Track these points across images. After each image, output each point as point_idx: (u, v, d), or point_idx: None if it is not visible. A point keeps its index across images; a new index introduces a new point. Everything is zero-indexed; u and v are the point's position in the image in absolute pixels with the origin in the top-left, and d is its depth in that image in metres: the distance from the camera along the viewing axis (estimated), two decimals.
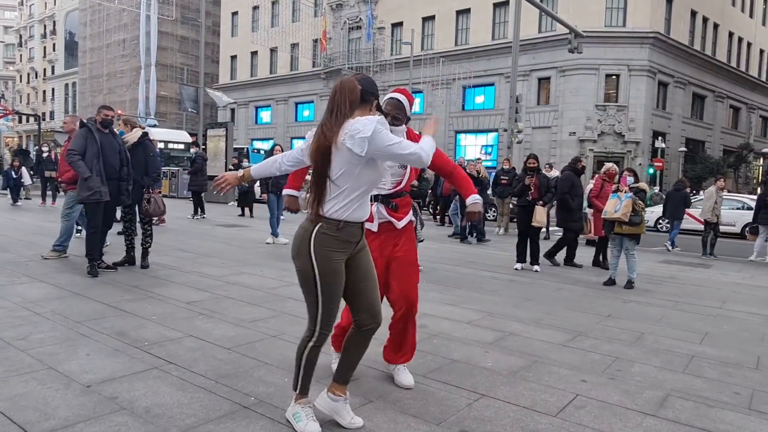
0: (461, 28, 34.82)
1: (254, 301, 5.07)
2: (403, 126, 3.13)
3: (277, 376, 3.24)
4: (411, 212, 3.28)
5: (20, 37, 67.27)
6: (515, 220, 13.98)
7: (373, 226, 3.12)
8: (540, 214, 7.86)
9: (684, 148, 32.20)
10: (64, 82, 61.25)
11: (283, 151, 9.00)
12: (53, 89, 63.72)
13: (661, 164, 28.94)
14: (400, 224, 3.18)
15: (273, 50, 41.72)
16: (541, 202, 7.95)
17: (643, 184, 7.56)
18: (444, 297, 5.71)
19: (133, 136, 6.25)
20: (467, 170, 11.42)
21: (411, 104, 3.14)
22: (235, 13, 45.39)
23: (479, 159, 12.03)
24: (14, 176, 13.34)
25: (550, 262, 8.54)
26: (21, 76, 68.63)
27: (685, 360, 4.02)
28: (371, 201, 3.15)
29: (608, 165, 8.82)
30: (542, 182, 8.10)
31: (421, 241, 7.33)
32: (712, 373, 3.75)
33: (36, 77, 65.95)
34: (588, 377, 3.54)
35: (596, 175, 9.24)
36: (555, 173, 12.52)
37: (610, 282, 7.06)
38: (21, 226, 9.90)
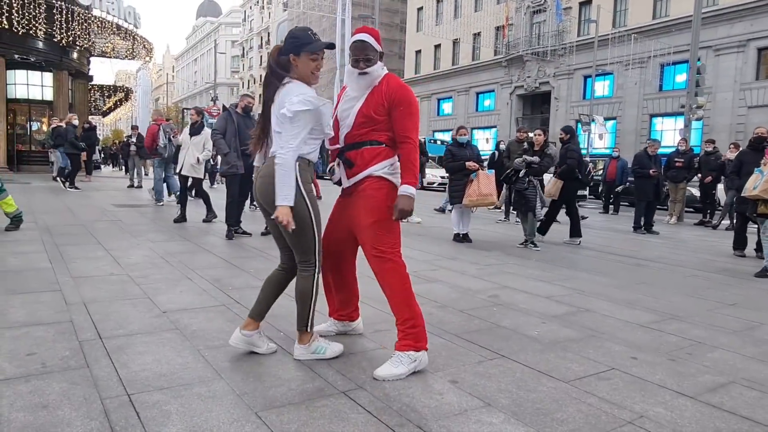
0: None
1: None
2: (380, 63, 2.83)
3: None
4: (372, 168, 2.82)
5: (242, 49, 78.23)
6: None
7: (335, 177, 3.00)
8: None
9: None
10: None
11: None
12: None
13: None
14: (348, 182, 2.89)
15: (455, 42, 42.13)
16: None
17: None
18: (541, 274, 5.46)
19: None
20: (648, 150, 10.12)
21: (376, 38, 2.84)
22: (420, 9, 46.77)
23: (652, 141, 10.72)
24: (212, 163, 15.83)
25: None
26: (243, 83, 79.70)
27: None
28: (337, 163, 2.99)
29: None
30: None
31: (540, 220, 7.09)
32: None
33: (254, 83, 76.00)
34: (642, 356, 3.18)
35: None
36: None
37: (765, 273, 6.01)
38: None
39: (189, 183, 8.36)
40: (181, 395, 2.38)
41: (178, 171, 7.77)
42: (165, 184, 10.77)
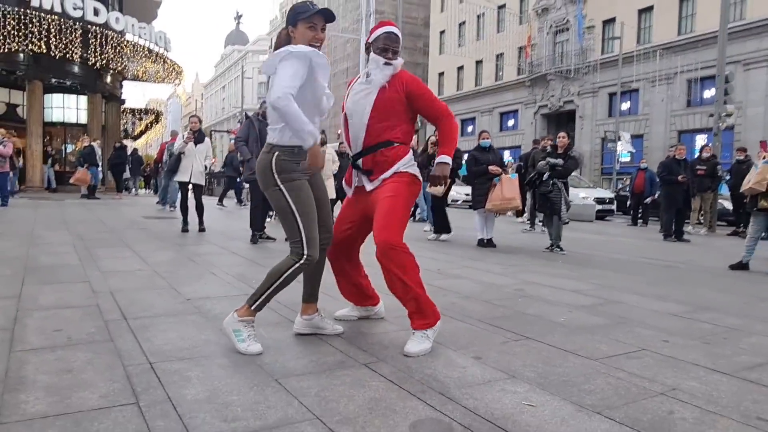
0: (685, 15, 31.06)
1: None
2: (400, 59, 2.87)
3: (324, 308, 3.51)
4: (396, 165, 2.83)
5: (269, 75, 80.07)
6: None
7: (349, 192, 3.06)
8: None
9: None
10: None
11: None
12: None
13: None
14: (370, 186, 2.88)
15: (478, 62, 42.39)
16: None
17: None
18: (568, 273, 5.35)
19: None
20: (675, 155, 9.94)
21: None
22: (442, 32, 47.30)
23: (678, 144, 10.49)
24: (238, 181, 16.16)
25: None
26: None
27: None
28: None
29: None
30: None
31: (566, 223, 6.99)
32: None
33: None
34: (675, 339, 3.07)
35: None
36: None
37: (740, 266, 5.89)
38: (231, 217, 11.91)
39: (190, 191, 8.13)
40: (202, 364, 2.38)
41: (187, 180, 7.60)
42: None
